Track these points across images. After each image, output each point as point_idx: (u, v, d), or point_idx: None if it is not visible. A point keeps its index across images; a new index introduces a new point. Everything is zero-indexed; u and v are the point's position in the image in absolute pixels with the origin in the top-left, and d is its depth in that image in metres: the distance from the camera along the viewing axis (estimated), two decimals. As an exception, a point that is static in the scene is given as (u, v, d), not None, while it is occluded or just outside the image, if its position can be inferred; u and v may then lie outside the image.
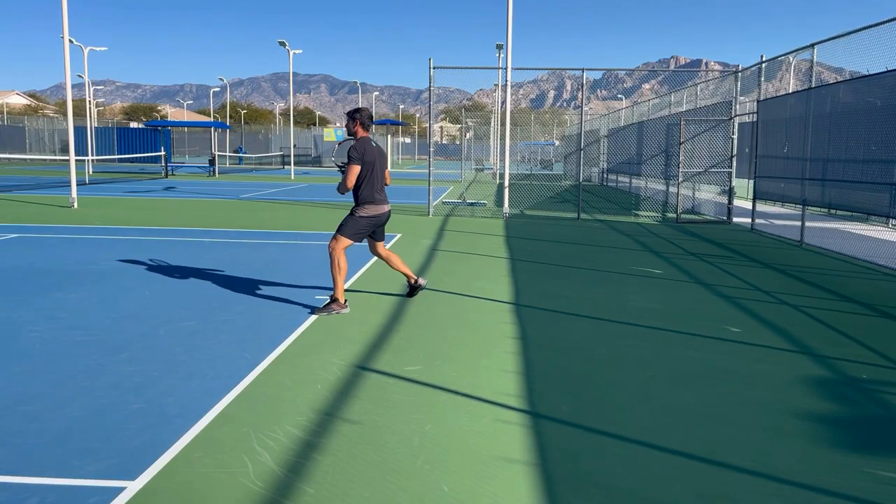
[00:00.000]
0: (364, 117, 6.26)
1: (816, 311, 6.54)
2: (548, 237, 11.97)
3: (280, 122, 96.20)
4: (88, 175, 26.72)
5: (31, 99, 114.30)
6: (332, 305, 6.07)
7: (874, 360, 5.05)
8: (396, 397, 4.09)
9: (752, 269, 8.90)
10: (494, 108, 40.00)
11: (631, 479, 3.14)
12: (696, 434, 3.65)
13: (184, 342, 5.09)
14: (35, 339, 5.11)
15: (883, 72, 8.89)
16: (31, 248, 9.43)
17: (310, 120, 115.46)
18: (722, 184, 15.20)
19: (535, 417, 3.84)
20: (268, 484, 3.02)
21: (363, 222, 6.24)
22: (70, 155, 15.92)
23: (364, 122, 6.26)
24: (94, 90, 73.84)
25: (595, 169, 31.38)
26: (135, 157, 44.51)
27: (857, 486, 3.11)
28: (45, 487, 2.94)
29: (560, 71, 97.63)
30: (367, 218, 6.24)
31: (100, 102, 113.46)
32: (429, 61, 15.10)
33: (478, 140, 52.02)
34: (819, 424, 3.83)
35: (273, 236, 11.24)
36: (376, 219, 6.29)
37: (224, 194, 20.80)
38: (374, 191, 6.24)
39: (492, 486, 3.05)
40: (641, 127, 21.13)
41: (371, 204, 6.24)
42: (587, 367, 4.74)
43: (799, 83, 15.59)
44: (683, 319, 6.13)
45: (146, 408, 3.83)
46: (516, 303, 6.69)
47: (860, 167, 9.41)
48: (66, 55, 15.35)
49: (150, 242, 10.13)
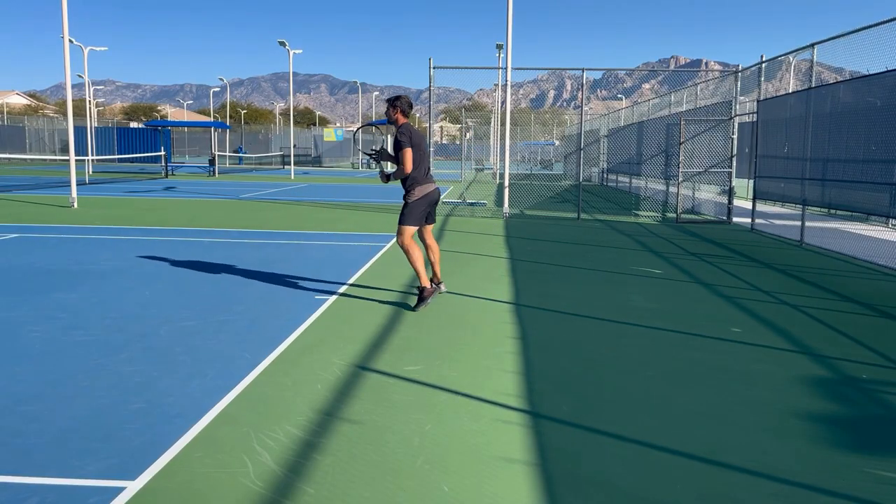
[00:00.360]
0: (404, 105, 6.36)
1: (816, 311, 6.54)
2: (548, 237, 11.97)
3: (280, 122, 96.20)
4: (88, 175, 26.72)
5: (31, 99, 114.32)
6: (425, 295, 6.27)
7: (874, 360, 5.05)
8: (396, 397, 4.09)
9: (752, 269, 8.90)
10: (494, 107, 40.00)
11: (631, 479, 3.14)
12: (696, 434, 3.65)
13: (184, 342, 5.09)
14: (35, 339, 5.11)
15: (883, 72, 8.89)
16: (31, 248, 9.43)
17: (310, 120, 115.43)
18: (722, 184, 15.21)
19: (535, 417, 3.84)
20: (268, 484, 3.02)
21: (419, 206, 6.35)
22: (70, 155, 15.92)
23: (404, 109, 6.36)
24: (94, 90, 73.86)
25: (595, 169, 31.38)
26: (135, 157, 44.52)
27: (857, 486, 3.11)
28: (45, 487, 2.94)
29: (560, 71, 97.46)
30: (420, 199, 6.34)
31: (100, 102, 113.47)
32: (429, 61, 15.10)
33: (478, 140, 52.02)
34: (819, 424, 3.83)
35: (273, 236, 11.24)
36: (428, 197, 6.39)
37: (224, 194, 20.80)
38: (422, 173, 6.34)
39: (492, 486, 3.05)
40: (641, 127, 21.13)
41: (420, 186, 6.33)
42: (587, 367, 4.74)
43: (799, 83, 15.59)
44: (683, 319, 6.13)
45: (146, 408, 3.83)
46: (516, 303, 6.69)
47: (860, 167, 9.41)
48: (66, 55, 15.35)
49: (150, 242, 10.13)
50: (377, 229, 12.36)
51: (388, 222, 13.56)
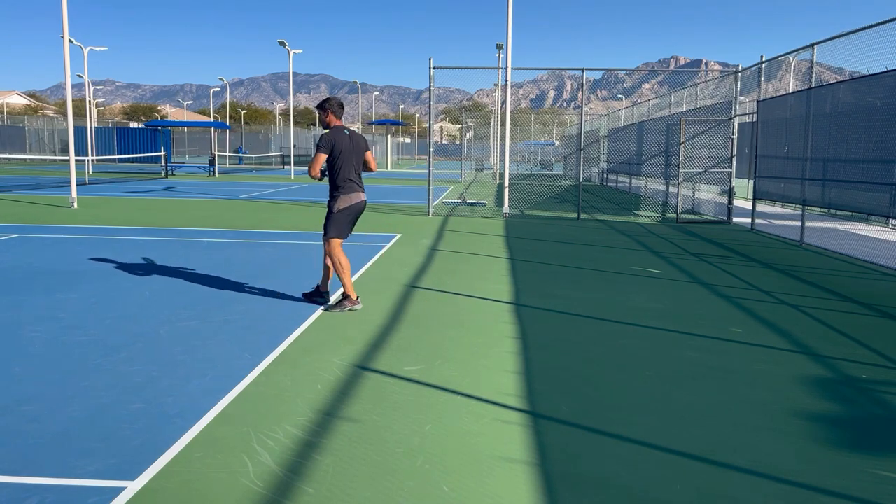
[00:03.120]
0: (334, 106, 6.25)
1: (816, 311, 6.54)
2: (548, 237, 11.97)
3: (280, 122, 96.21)
4: (88, 175, 26.72)
5: (31, 99, 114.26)
6: (345, 302, 6.13)
7: (874, 360, 5.05)
8: (396, 397, 4.09)
9: (752, 269, 8.90)
10: (494, 108, 40.01)
11: (631, 478, 3.14)
12: (696, 434, 3.65)
13: (183, 342, 5.09)
14: (35, 339, 5.11)
15: (883, 72, 8.89)
16: (31, 248, 9.43)
17: (310, 120, 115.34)
18: (722, 184, 15.20)
19: (535, 417, 3.84)
20: (268, 484, 3.02)
21: (341, 217, 6.18)
22: (70, 155, 15.92)
23: (335, 110, 6.24)
24: (94, 90, 73.85)
25: (595, 169, 31.38)
26: (135, 157, 44.52)
27: (857, 486, 3.11)
28: (44, 487, 2.93)
29: (560, 71, 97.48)
30: (342, 211, 6.17)
31: (100, 102, 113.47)
32: (429, 61, 15.10)
33: (478, 140, 52.04)
34: (819, 424, 3.83)
35: (273, 236, 11.24)
36: (352, 208, 6.20)
37: (224, 194, 20.80)
38: (346, 180, 6.16)
39: (492, 486, 3.05)
40: (641, 127, 21.13)
41: (344, 195, 6.16)
42: (587, 367, 4.74)
43: (799, 83, 15.59)
44: (683, 319, 6.13)
45: (146, 408, 3.83)
46: (516, 303, 6.68)
47: (860, 167, 9.41)
48: (66, 55, 15.35)
49: (150, 242, 10.13)
50: (377, 229, 12.36)
51: (387, 222, 13.57)
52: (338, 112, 6.26)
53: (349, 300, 6.13)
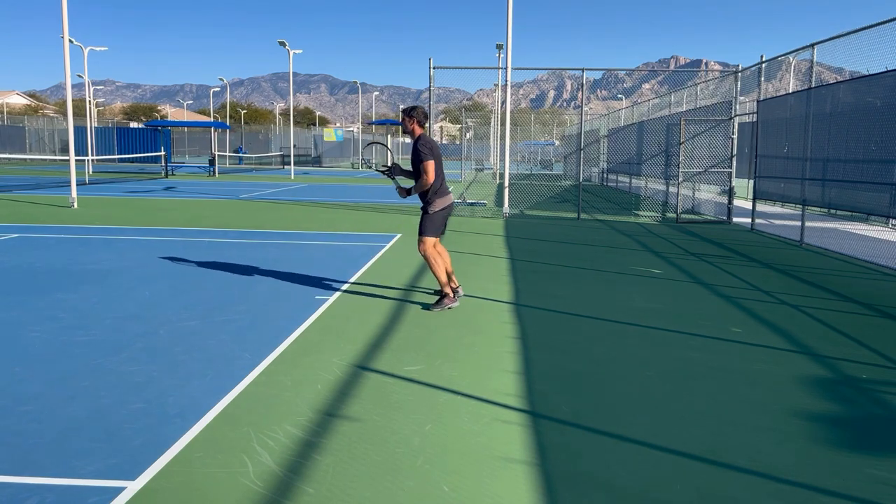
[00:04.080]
0: (420, 115, 6.35)
1: (816, 311, 6.54)
2: (548, 237, 11.97)
3: (280, 122, 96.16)
4: (88, 175, 26.71)
5: (31, 99, 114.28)
6: (444, 301, 6.26)
7: (874, 360, 5.05)
8: (396, 397, 4.09)
9: (752, 269, 8.90)
10: (494, 108, 40.00)
11: (631, 478, 3.14)
12: (696, 434, 3.65)
13: (184, 342, 5.10)
14: (35, 339, 5.11)
15: (883, 72, 8.89)
16: (31, 248, 9.43)
17: (310, 120, 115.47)
18: (722, 184, 15.20)
19: (535, 417, 3.84)
20: (268, 484, 3.02)
21: (438, 217, 6.35)
22: (70, 155, 15.93)
23: (420, 119, 6.35)
24: (94, 90, 73.86)
25: (595, 169, 31.38)
26: (135, 157, 44.53)
27: (857, 486, 3.11)
28: (45, 487, 2.94)
29: (560, 71, 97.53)
30: (439, 212, 6.34)
31: (100, 102, 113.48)
32: (429, 61, 15.11)
33: (478, 140, 52.02)
34: (819, 424, 3.83)
35: (273, 236, 11.24)
36: (447, 210, 6.39)
37: (224, 194, 20.80)
38: (440, 184, 6.35)
39: (492, 486, 3.05)
40: (641, 127, 21.13)
41: (440, 197, 6.33)
42: (587, 367, 4.74)
43: (799, 83, 15.59)
44: (683, 319, 6.13)
45: (146, 408, 3.83)
46: (516, 303, 6.69)
47: (860, 167, 9.41)
48: (66, 55, 15.35)
49: (150, 242, 10.13)
50: (377, 229, 12.36)
51: (387, 222, 13.57)
52: (423, 122, 6.37)
53: (448, 298, 6.27)
